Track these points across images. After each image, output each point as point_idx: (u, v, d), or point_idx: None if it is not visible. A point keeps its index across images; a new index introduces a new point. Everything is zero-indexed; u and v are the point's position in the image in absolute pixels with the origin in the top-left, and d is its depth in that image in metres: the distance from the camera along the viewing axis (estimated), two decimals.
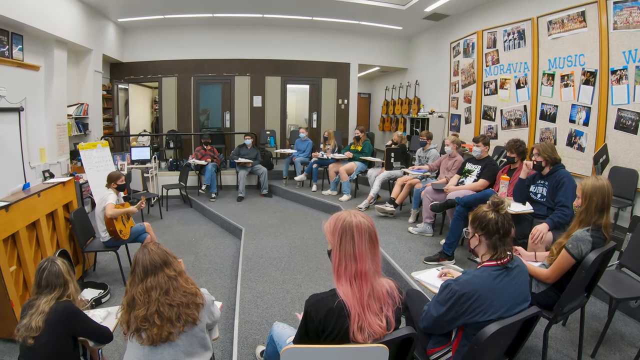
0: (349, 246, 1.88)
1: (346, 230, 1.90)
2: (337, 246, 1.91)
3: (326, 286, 4.50)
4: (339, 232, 1.91)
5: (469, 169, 5.69)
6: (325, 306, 1.85)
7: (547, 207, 4.22)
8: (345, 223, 1.91)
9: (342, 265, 1.89)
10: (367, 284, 1.88)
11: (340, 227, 1.91)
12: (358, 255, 1.88)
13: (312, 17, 10.86)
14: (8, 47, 6.54)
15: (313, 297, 1.93)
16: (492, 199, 2.34)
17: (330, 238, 1.96)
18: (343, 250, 1.89)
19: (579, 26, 6.30)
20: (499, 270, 2.18)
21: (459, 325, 2.19)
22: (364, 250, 1.89)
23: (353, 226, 1.90)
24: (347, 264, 1.88)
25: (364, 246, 1.89)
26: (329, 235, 1.96)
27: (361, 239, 1.89)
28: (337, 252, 1.90)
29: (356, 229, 1.89)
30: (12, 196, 4.14)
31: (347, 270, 1.88)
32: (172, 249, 5.89)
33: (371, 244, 1.92)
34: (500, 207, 2.29)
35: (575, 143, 6.43)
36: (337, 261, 1.91)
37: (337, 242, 1.91)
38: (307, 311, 1.90)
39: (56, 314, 2.33)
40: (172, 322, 2.16)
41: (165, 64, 11.91)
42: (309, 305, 1.91)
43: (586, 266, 2.69)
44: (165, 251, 2.32)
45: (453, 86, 10.05)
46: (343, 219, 1.93)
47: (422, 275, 3.03)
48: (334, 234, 1.93)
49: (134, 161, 9.04)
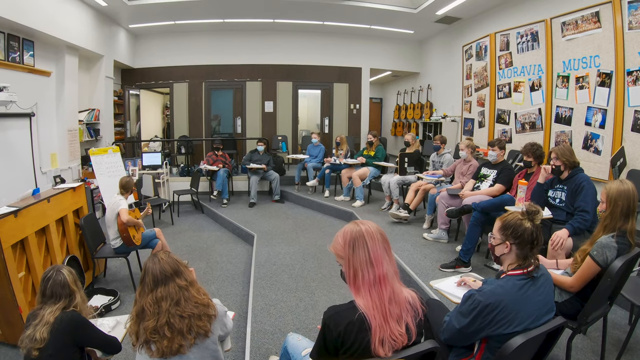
0: (363, 253, 1.81)
1: (357, 238, 1.83)
2: (350, 258, 1.83)
3: (340, 294, 4.48)
4: (350, 242, 1.84)
5: (484, 173, 5.59)
6: (345, 319, 1.76)
7: (567, 212, 4.10)
8: (354, 233, 1.85)
9: (359, 275, 1.81)
10: (388, 288, 1.81)
11: (350, 237, 1.85)
12: (374, 259, 1.81)
13: (323, 22, 10.82)
14: (19, 53, 6.54)
15: (332, 309, 1.84)
16: (529, 207, 2.23)
17: (341, 253, 1.88)
18: (357, 259, 1.81)
19: (593, 27, 6.17)
20: (524, 279, 2.09)
21: (483, 337, 2.08)
22: (380, 252, 1.82)
23: (363, 233, 1.83)
24: (364, 273, 1.80)
25: (379, 249, 1.82)
26: (340, 250, 1.88)
27: (374, 243, 1.82)
28: (352, 264, 1.83)
29: (366, 234, 1.83)
30: (21, 201, 4.12)
31: (366, 279, 1.80)
32: (183, 255, 5.93)
33: (385, 244, 1.86)
34: (536, 216, 2.19)
35: (592, 146, 6.29)
36: (352, 274, 1.83)
37: (349, 253, 1.83)
38: (325, 323, 1.81)
39: (61, 324, 2.25)
40: (183, 334, 2.07)
41: (176, 69, 11.93)
42: (327, 317, 1.81)
43: (611, 274, 2.58)
44: (176, 260, 2.24)
45: (466, 90, 9.93)
46: (351, 229, 1.87)
47: (441, 284, 2.94)
48: (345, 246, 1.85)
49: (145, 167, 9.03)
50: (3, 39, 6.19)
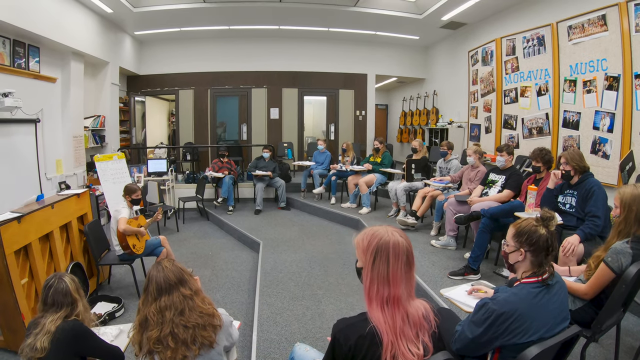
0: (382, 268, 1.70)
1: (381, 249, 1.71)
2: (369, 266, 1.73)
3: (347, 302, 4.41)
4: (373, 250, 1.72)
5: (492, 179, 5.53)
6: (355, 332, 1.68)
7: (577, 217, 4.02)
8: (381, 242, 1.72)
9: (374, 287, 1.71)
10: (400, 310, 1.70)
11: (375, 245, 1.72)
12: (392, 279, 1.70)
13: (328, 29, 10.79)
14: (25, 59, 6.54)
15: (342, 322, 1.77)
16: (543, 213, 2.17)
17: (361, 255, 1.78)
18: (375, 271, 1.71)
19: (599, 30, 6.10)
20: (539, 287, 2.03)
21: (496, 347, 2.02)
22: (399, 274, 1.71)
23: (390, 246, 1.71)
24: (378, 287, 1.71)
25: (400, 270, 1.71)
26: (361, 253, 1.78)
27: (397, 262, 1.70)
28: (369, 273, 1.73)
29: (393, 249, 1.70)
30: (25, 207, 4.11)
31: (379, 294, 1.71)
32: (189, 262, 5.88)
33: (407, 267, 1.73)
34: (551, 222, 2.13)
35: (600, 150, 6.20)
36: (368, 282, 1.74)
37: (369, 262, 1.73)
38: (335, 337, 1.73)
39: (63, 334, 2.21)
40: (187, 344, 2.01)
41: (181, 76, 11.94)
42: (337, 330, 1.74)
43: (626, 280, 2.53)
44: (180, 268, 2.18)
45: (472, 95, 9.87)
46: (380, 236, 1.73)
47: (451, 292, 2.89)
48: (367, 251, 1.74)
49: (151, 173, 9.03)
50: (9, 45, 6.19)
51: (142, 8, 8.88)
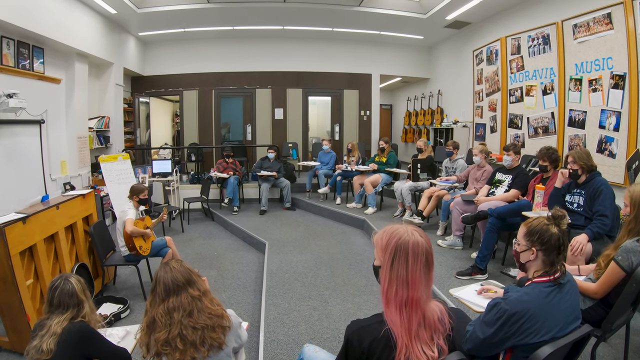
0: (401, 269, 1.65)
1: (400, 249, 1.66)
2: (387, 266, 1.68)
3: (354, 302, 4.38)
4: (392, 250, 1.67)
5: (499, 179, 5.51)
6: (369, 335, 1.65)
7: (585, 216, 4.01)
8: (400, 241, 1.66)
9: (393, 289, 1.66)
10: (418, 313, 1.66)
11: (394, 244, 1.67)
12: (411, 281, 1.64)
13: (332, 29, 10.77)
14: (29, 60, 6.53)
15: (356, 324, 1.73)
16: (554, 212, 2.14)
17: (380, 254, 1.73)
18: (395, 272, 1.66)
19: (605, 29, 6.07)
20: (550, 286, 2.01)
21: (508, 347, 1.99)
22: (418, 275, 1.65)
23: (409, 246, 1.65)
24: (397, 289, 1.65)
25: (419, 271, 1.65)
26: (380, 251, 1.73)
27: (416, 263, 1.65)
28: (387, 273, 1.68)
29: (412, 250, 1.65)
30: (30, 208, 4.11)
31: (398, 296, 1.66)
32: (194, 263, 5.85)
33: (427, 269, 1.68)
34: (562, 221, 2.10)
35: (606, 149, 6.16)
36: (386, 283, 1.68)
37: (388, 262, 1.68)
38: (349, 339, 1.70)
39: (69, 336, 2.18)
40: (196, 346, 1.98)
41: (186, 77, 11.93)
42: (351, 332, 1.71)
43: (637, 279, 2.50)
44: (188, 269, 2.15)
45: (477, 95, 9.84)
46: (399, 236, 1.68)
47: (461, 292, 2.85)
48: (386, 251, 1.69)
49: (156, 174, 9.01)
50: (13, 46, 6.18)
51: (146, 9, 8.88)
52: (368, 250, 6.16)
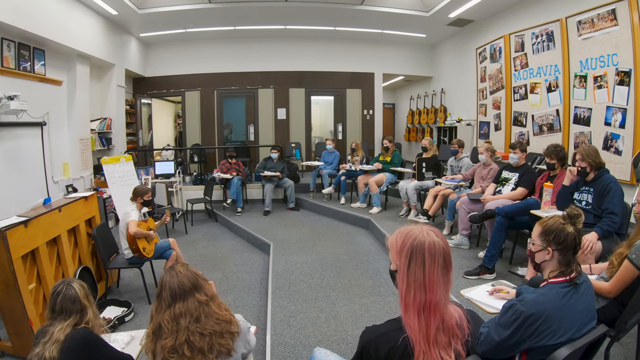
0: (419, 272, 1.57)
1: (416, 251, 1.58)
2: (404, 269, 1.60)
3: (361, 304, 4.32)
4: (408, 252, 1.59)
5: (505, 177, 5.46)
6: (387, 343, 1.58)
7: (594, 214, 3.95)
8: (416, 242, 1.59)
9: (411, 293, 1.58)
10: (437, 317, 1.58)
11: (410, 246, 1.59)
12: (428, 283, 1.57)
13: (334, 28, 10.72)
14: (30, 63, 6.50)
15: (372, 331, 1.66)
16: (570, 211, 2.09)
17: (395, 258, 1.65)
18: (412, 275, 1.58)
19: (609, 25, 6.00)
20: (567, 287, 1.96)
21: (524, 349, 1.93)
22: (436, 278, 1.57)
23: (425, 247, 1.57)
24: (415, 293, 1.58)
25: (437, 273, 1.58)
26: (395, 254, 1.65)
27: (433, 264, 1.57)
28: (405, 277, 1.60)
29: (428, 251, 1.57)
30: (32, 211, 4.07)
31: (416, 300, 1.58)
32: (198, 265, 5.82)
33: (445, 270, 1.60)
34: (578, 220, 2.05)
35: (612, 146, 6.10)
36: (404, 288, 1.60)
37: (404, 265, 1.60)
38: (365, 347, 1.64)
39: (72, 343, 2.12)
40: (204, 353, 1.92)
41: (187, 78, 11.90)
42: (367, 340, 1.64)
43: None
44: (195, 273, 2.09)
45: (480, 93, 9.76)
46: (414, 236, 1.60)
47: (472, 293, 2.80)
48: (401, 253, 1.61)
49: (158, 175, 8.98)
50: (14, 48, 6.14)
51: (147, 9, 8.84)
52: (374, 250, 6.12)
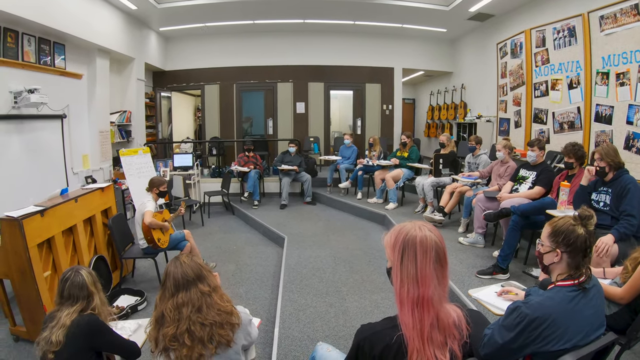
0: (411, 266, 1.57)
1: (408, 246, 1.59)
2: (397, 265, 1.61)
3: (372, 300, 4.31)
4: (400, 247, 1.60)
5: (523, 175, 5.36)
6: (382, 341, 1.58)
7: (611, 216, 3.85)
8: (407, 237, 1.59)
9: (404, 288, 1.58)
10: (430, 314, 1.57)
11: (402, 241, 1.60)
12: (420, 277, 1.56)
13: (354, 22, 10.69)
14: (50, 57, 6.61)
15: (368, 329, 1.66)
16: (581, 212, 2.04)
17: (390, 254, 1.65)
18: (405, 270, 1.58)
19: (633, 20, 5.83)
20: (575, 291, 1.90)
21: (527, 354, 1.89)
22: (429, 272, 1.57)
23: (417, 242, 1.58)
24: (409, 288, 1.57)
25: (429, 267, 1.57)
26: (389, 251, 1.66)
27: (425, 258, 1.57)
28: (398, 272, 1.60)
29: (420, 245, 1.58)
30: (48, 201, 4.16)
31: (409, 295, 1.57)
32: (213, 257, 5.86)
33: (438, 265, 1.59)
34: (590, 222, 2.00)
35: (634, 146, 5.95)
36: (398, 283, 1.61)
37: (397, 260, 1.61)
38: (359, 345, 1.64)
39: (78, 328, 2.17)
40: (204, 343, 1.93)
41: (207, 71, 11.98)
42: (362, 337, 1.64)
43: None
44: (199, 264, 2.11)
45: (501, 89, 9.63)
46: (406, 232, 1.61)
47: (480, 293, 2.78)
48: (394, 249, 1.62)
49: (177, 168, 9.07)
50: (34, 43, 6.26)
51: (166, 4, 8.91)
52: None
